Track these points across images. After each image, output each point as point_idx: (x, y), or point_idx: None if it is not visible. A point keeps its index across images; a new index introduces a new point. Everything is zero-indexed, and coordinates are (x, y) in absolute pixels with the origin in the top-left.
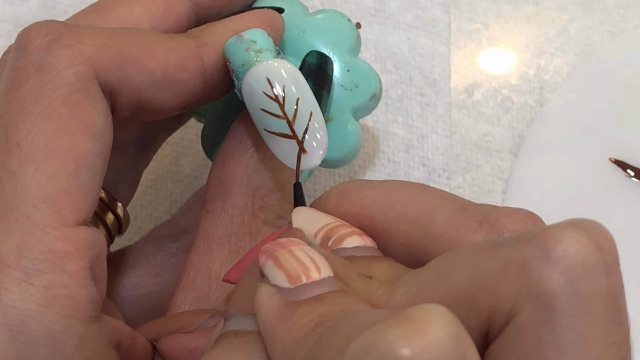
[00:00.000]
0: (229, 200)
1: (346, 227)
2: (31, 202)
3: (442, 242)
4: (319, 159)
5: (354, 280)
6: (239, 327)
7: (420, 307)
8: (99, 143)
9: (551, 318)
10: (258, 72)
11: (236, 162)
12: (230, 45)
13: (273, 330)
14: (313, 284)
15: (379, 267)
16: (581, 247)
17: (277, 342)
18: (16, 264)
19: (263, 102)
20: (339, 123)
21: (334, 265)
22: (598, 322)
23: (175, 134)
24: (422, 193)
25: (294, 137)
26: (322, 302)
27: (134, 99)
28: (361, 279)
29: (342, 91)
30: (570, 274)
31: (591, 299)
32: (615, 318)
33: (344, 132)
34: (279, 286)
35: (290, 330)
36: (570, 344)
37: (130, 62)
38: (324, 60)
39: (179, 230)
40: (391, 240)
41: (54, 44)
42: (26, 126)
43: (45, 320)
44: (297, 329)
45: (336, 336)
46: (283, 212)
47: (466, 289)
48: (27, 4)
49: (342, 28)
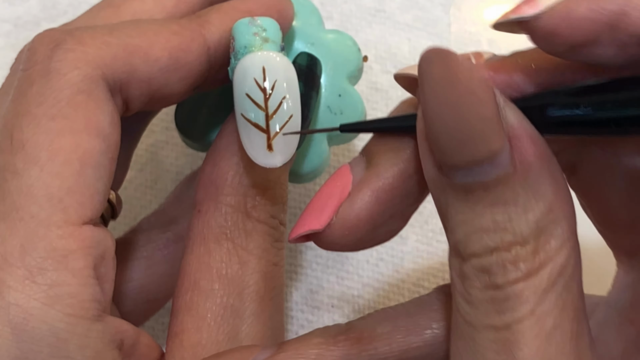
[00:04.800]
0: (221, 199)
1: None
2: (36, 201)
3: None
4: (279, 162)
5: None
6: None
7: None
8: (104, 142)
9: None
10: (257, 58)
11: (227, 162)
12: (240, 24)
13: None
14: None
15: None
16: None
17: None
18: (20, 262)
19: (250, 88)
20: (313, 141)
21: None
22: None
23: (175, 134)
24: None
25: (266, 132)
26: None
27: (145, 89)
28: None
29: (327, 112)
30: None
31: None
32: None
33: (315, 150)
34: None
35: None
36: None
37: (134, 53)
38: (314, 62)
39: (167, 221)
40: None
41: (57, 50)
42: (31, 128)
43: (48, 319)
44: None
45: None
46: (275, 212)
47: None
48: (26, 4)
49: (349, 54)
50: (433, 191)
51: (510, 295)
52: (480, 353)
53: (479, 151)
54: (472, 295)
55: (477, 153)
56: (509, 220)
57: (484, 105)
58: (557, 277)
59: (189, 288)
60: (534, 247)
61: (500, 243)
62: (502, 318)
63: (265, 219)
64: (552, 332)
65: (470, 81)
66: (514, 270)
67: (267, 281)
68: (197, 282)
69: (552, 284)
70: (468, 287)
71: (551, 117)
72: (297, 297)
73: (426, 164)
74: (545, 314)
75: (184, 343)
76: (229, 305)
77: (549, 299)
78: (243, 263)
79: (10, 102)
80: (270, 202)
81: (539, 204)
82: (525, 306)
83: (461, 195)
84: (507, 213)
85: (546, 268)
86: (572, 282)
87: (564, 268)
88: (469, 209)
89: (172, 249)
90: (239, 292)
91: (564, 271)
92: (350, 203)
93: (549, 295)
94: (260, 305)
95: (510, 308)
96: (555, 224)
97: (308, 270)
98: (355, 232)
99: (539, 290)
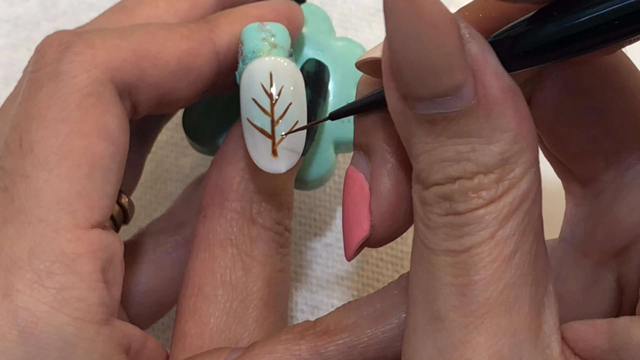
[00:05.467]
0: (226, 205)
1: None
2: (44, 204)
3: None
4: (284, 168)
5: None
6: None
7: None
8: (113, 146)
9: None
10: (265, 63)
11: (233, 167)
12: (249, 29)
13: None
14: None
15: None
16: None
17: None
18: (28, 265)
19: (257, 93)
20: (319, 148)
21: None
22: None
23: (175, 135)
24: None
25: (271, 137)
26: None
27: (153, 93)
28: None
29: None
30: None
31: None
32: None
33: (321, 157)
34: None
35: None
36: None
37: (144, 57)
38: (322, 69)
39: (177, 224)
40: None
41: (66, 53)
42: (40, 131)
43: (56, 322)
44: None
45: None
46: (281, 218)
47: None
48: (26, 4)
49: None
50: (397, 122)
51: (471, 220)
52: (436, 276)
53: (442, 84)
54: (432, 220)
55: (439, 86)
56: (472, 151)
57: (446, 39)
58: (520, 203)
59: (193, 293)
60: (498, 176)
61: (462, 173)
62: (460, 242)
63: (270, 225)
64: (512, 255)
65: (433, 15)
66: (476, 198)
67: (272, 288)
68: (201, 288)
69: (514, 210)
70: (428, 212)
71: (523, 44)
72: (297, 297)
73: (390, 96)
74: (506, 238)
75: (186, 348)
76: (232, 311)
77: (510, 224)
78: (247, 269)
79: (19, 104)
80: (276, 209)
81: (503, 136)
82: (485, 231)
83: (425, 126)
84: (470, 144)
85: (509, 195)
86: (534, 206)
87: (526, 194)
88: (432, 140)
89: (181, 252)
90: (243, 298)
91: (526, 197)
92: (377, 197)
93: (510, 220)
94: (263, 311)
95: (470, 232)
96: (519, 153)
97: (308, 271)
98: (397, 217)
99: (500, 216)
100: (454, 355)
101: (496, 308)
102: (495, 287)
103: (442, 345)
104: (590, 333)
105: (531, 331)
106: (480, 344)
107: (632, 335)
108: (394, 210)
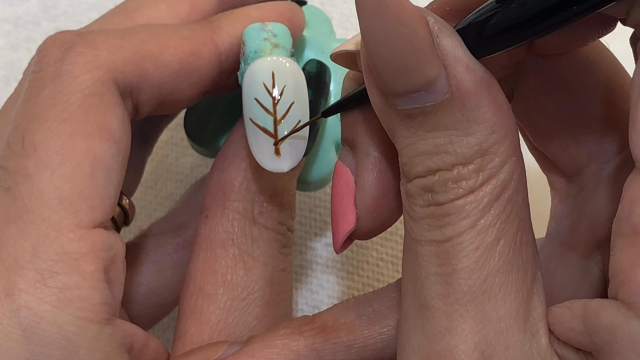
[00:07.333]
0: (228, 205)
1: None
2: (47, 204)
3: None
4: (287, 167)
5: None
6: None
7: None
8: (115, 146)
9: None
10: (267, 63)
11: (235, 167)
12: (250, 29)
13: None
14: None
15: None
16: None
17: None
18: (31, 264)
19: (259, 93)
20: (321, 149)
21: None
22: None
23: (175, 135)
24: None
25: (274, 136)
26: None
27: (155, 94)
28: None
29: (336, 120)
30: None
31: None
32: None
33: (323, 158)
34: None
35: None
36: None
37: (146, 58)
38: (323, 70)
39: (178, 225)
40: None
41: (68, 53)
42: (42, 131)
43: (59, 322)
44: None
45: None
46: (283, 218)
47: None
48: (26, 4)
49: None
50: (381, 117)
51: (451, 210)
52: (422, 266)
53: (414, 80)
54: (415, 211)
55: (412, 82)
56: (450, 143)
57: (414, 36)
58: (501, 192)
59: (194, 292)
60: (477, 166)
61: (442, 164)
62: (442, 232)
63: (272, 225)
64: (495, 243)
65: (401, 13)
66: (456, 188)
67: (273, 287)
68: (202, 287)
69: (495, 199)
70: (412, 204)
71: (490, 27)
72: (297, 297)
73: (372, 93)
74: (488, 226)
75: (186, 345)
76: (233, 309)
77: (491, 212)
78: (248, 269)
79: (21, 104)
80: (278, 209)
81: (479, 127)
82: (466, 221)
83: (405, 121)
84: (448, 137)
85: (489, 184)
86: (517, 194)
87: (507, 183)
88: (411, 134)
89: (182, 253)
90: (244, 297)
91: (507, 185)
92: (361, 190)
93: (491, 209)
94: (264, 310)
95: (451, 222)
96: (498, 143)
97: (308, 270)
98: (382, 210)
99: (480, 205)
100: (441, 343)
101: (480, 295)
102: (478, 275)
103: (430, 332)
104: (566, 315)
105: (518, 317)
106: (465, 331)
107: (600, 317)
108: (378, 203)
